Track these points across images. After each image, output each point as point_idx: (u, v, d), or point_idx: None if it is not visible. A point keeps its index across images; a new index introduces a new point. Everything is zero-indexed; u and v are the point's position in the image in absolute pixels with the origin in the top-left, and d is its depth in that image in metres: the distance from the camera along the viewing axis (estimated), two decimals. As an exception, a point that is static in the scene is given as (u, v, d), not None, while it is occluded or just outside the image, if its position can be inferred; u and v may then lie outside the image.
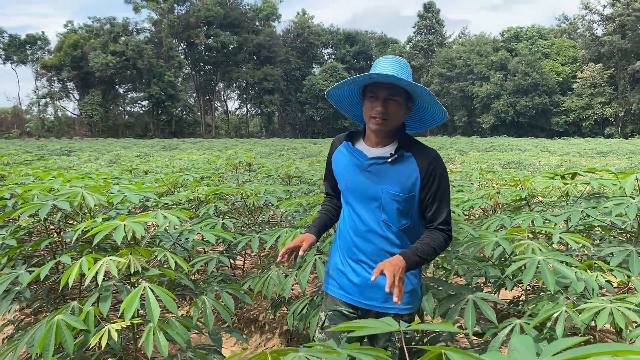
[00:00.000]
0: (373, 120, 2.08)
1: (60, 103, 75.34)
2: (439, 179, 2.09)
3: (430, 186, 2.09)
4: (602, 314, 1.90)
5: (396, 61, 2.11)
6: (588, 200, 3.53)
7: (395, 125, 2.13)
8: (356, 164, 2.19)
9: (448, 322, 1.38)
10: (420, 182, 2.09)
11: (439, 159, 2.12)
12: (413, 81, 2.04)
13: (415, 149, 2.12)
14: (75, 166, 11.27)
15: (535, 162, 16.62)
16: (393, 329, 1.02)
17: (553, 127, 61.14)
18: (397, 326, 1.07)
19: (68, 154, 22.22)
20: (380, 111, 2.06)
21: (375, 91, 2.07)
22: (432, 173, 2.08)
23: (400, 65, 2.09)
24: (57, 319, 2.19)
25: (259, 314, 4.34)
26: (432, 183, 2.08)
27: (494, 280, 3.25)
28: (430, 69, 70.76)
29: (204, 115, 78.77)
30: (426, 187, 2.09)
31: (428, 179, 2.08)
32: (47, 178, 4.25)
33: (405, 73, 2.09)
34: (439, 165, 2.10)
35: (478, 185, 7.16)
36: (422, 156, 2.10)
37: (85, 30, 73.12)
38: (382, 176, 2.12)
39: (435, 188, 2.09)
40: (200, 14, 72.84)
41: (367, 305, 2.21)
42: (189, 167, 8.53)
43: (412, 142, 2.15)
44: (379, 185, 2.12)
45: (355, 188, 2.19)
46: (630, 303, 2.00)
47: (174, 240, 3.47)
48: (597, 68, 58.61)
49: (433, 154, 2.11)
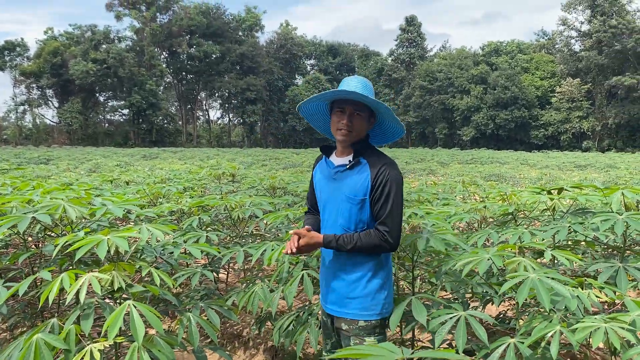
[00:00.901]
0: (339, 132, 2.30)
1: (39, 110, 74.30)
2: (387, 183, 2.22)
3: (377, 188, 2.22)
4: (597, 334, 1.88)
5: (361, 81, 2.32)
6: (574, 215, 3.54)
7: (359, 137, 2.33)
8: (326, 174, 2.41)
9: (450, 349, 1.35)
10: (370, 185, 2.24)
11: (391, 166, 2.26)
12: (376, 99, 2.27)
13: (370, 156, 2.31)
14: (54, 175, 11.06)
15: (516, 175, 16.82)
16: (396, 357, 0.98)
17: (532, 140, 61.99)
18: (401, 354, 1.03)
19: (46, 163, 21.83)
20: (346, 124, 2.27)
21: (342, 106, 2.29)
22: (380, 177, 2.22)
23: (363, 84, 2.30)
24: (37, 338, 2.10)
25: (242, 329, 4.26)
26: (379, 186, 2.22)
27: (481, 296, 3.23)
28: (411, 82, 71.28)
29: (185, 125, 78.27)
30: (374, 190, 2.23)
31: (376, 182, 2.23)
32: (26, 189, 4.13)
33: (368, 91, 2.29)
34: (389, 171, 2.24)
35: (461, 197, 7.18)
36: (375, 162, 2.27)
37: (66, 38, 72.33)
38: (342, 182, 2.30)
39: (381, 191, 2.22)
40: (183, 23, 72.62)
41: (328, 310, 2.39)
42: (171, 177, 8.42)
43: (369, 150, 2.34)
44: (340, 191, 2.30)
45: (326, 196, 2.39)
46: (623, 322, 1.98)
47: (157, 254, 3.39)
48: (574, 83, 59.70)
49: (386, 160, 2.28)
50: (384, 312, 2.31)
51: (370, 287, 2.27)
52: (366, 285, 2.27)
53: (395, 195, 2.22)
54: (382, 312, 2.30)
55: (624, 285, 2.69)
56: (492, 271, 3.33)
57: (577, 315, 2.21)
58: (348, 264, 2.31)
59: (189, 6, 75.49)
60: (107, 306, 2.35)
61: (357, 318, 2.28)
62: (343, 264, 2.33)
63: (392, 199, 2.21)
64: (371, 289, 2.28)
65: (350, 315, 2.30)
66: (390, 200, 2.21)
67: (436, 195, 5.63)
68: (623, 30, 55.22)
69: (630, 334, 1.87)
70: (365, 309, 2.27)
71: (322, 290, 2.47)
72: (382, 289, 2.30)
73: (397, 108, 71.62)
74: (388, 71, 74.25)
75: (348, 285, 2.30)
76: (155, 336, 2.32)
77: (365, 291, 2.27)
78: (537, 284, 2.04)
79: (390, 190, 2.21)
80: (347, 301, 2.31)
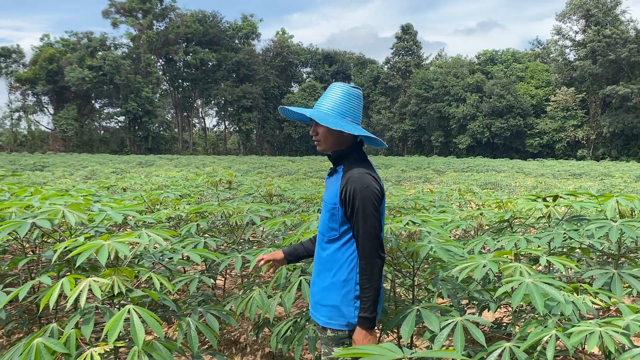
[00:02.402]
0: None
1: (34, 117, 74.13)
2: (353, 198, 2.16)
3: (346, 202, 2.20)
4: (592, 338, 1.91)
5: (334, 90, 2.31)
6: (569, 222, 3.57)
7: (333, 145, 2.33)
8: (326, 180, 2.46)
9: (451, 350, 1.37)
10: (339, 192, 2.22)
11: (359, 180, 2.18)
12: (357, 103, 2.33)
13: (346, 165, 2.29)
14: (50, 182, 11.05)
15: (511, 183, 16.88)
16: (397, 356, 1.01)
17: (527, 149, 62.22)
18: (402, 353, 1.05)
19: (41, 169, 21.79)
20: (313, 135, 2.35)
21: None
22: (347, 190, 2.19)
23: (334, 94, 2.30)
24: (37, 342, 2.11)
25: (240, 335, 4.27)
26: (347, 200, 2.19)
27: (477, 302, 3.25)
28: (407, 90, 71.50)
29: (181, 132, 78.21)
30: (344, 202, 2.21)
31: (343, 194, 2.20)
32: (24, 195, 4.14)
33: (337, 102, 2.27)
34: (355, 183, 2.17)
35: (458, 205, 7.22)
36: (346, 172, 2.25)
37: (62, 44, 72.23)
38: (327, 188, 2.37)
39: (351, 208, 2.19)
40: (180, 31, 72.72)
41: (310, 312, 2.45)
42: (168, 184, 8.42)
43: (351, 158, 2.30)
44: (324, 196, 2.36)
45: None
46: (618, 326, 2.01)
47: (155, 260, 3.40)
48: (569, 92, 60.05)
49: (354, 172, 2.21)
50: (353, 325, 2.24)
51: (339, 298, 2.24)
52: (336, 295, 2.25)
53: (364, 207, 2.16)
54: (350, 325, 2.25)
55: (619, 292, 2.72)
56: (488, 278, 3.37)
57: (573, 321, 2.24)
58: (323, 271, 2.32)
59: (186, 14, 75.65)
60: (107, 311, 2.37)
61: (326, 326, 2.29)
62: (320, 270, 2.34)
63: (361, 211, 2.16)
64: (340, 300, 2.24)
65: (320, 322, 2.32)
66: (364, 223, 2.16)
67: (433, 203, 5.67)
68: (617, 40, 55.63)
69: (624, 338, 1.90)
70: (332, 318, 2.26)
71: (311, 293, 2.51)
72: (351, 302, 2.24)
73: (394, 116, 71.79)
74: (384, 79, 74.43)
75: (320, 292, 2.33)
76: (155, 341, 2.33)
77: (334, 301, 2.25)
78: (532, 288, 2.07)
79: (358, 203, 2.16)
80: (319, 307, 2.34)
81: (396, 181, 20.58)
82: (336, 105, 2.28)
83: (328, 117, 2.25)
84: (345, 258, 2.25)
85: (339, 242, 2.27)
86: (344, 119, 2.27)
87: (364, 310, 2.16)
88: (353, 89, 2.32)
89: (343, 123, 2.25)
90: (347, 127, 2.22)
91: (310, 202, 6.08)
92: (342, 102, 2.29)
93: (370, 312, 2.15)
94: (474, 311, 3.45)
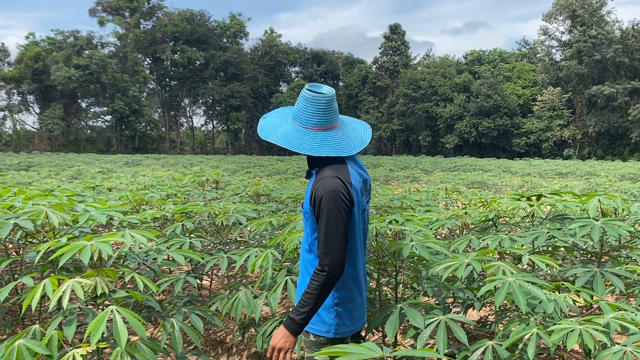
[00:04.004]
0: None
1: (20, 116, 73.33)
2: (320, 202, 2.10)
3: (314, 206, 2.14)
4: (571, 335, 1.93)
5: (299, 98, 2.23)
6: (553, 221, 3.61)
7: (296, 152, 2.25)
8: None
9: (431, 349, 1.38)
10: (310, 197, 2.17)
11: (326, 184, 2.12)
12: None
13: (320, 168, 2.21)
14: (35, 182, 10.94)
15: (498, 182, 16.99)
16: (376, 355, 1.01)
17: (514, 148, 62.66)
18: (381, 352, 1.06)
19: (27, 169, 21.56)
20: None
21: None
22: (316, 193, 2.13)
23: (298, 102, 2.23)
24: (18, 344, 2.09)
25: (226, 335, 4.26)
26: (315, 204, 2.14)
27: (462, 300, 3.28)
28: (395, 90, 71.68)
29: (168, 131, 77.79)
30: (313, 207, 2.16)
31: (312, 197, 2.15)
32: (7, 195, 4.10)
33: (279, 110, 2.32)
34: (320, 187, 2.12)
35: (444, 204, 7.26)
36: (317, 177, 2.19)
37: (48, 43, 71.52)
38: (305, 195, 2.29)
39: (317, 211, 2.13)
40: (167, 29, 72.31)
41: None
42: (154, 184, 8.38)
43: (320, 162, 2.22)
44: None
45: None
46: (597, 324, 2.04)
47: (139, 260, 3.38)
48: (555, 92, 60.55)
49: (324, 176, 2.15)
50: (332, 331, 2.22)
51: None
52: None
53: (328, 212, 2.09)
54: (330, 331, 2.22)
55: (601, 290, 2.75)
56: (473, 276, 3.39)
57: (555, 319, 2.27)
58: (305, 274, 2.28)
59: (173, 12, 75.24)
60: (90, 312, 2.35)
61: (308, 330, 2.26)
62: (303, 272, 2.32)
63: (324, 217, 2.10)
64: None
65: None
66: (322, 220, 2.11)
67: (419, 202, 5.69)
68: (602, 40, 56.21)
69: (604, 336, 1.93)
70: (314, 323, 2.23)
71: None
72: (332, 309, 2.22)
73: (382, 116, 71.92)
74: (372, 79, 74.54)
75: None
76: (139, 342, 2.32)
77: None
78: (514, 287, 2.09)
79: (322, 207, 2.10)
80: None
81: (384, 181, 20.63)
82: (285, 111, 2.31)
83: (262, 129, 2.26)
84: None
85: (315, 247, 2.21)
86: (293, 123, 2.23)
87: (298, 312, 2.09)
88: (306, 90, 2.22)
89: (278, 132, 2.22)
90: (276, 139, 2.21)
91: (297, 202, 6.07)
92: (297, 106, 2.24)
93: (302, 317, 2.09)
94: (459, 310, 3.48)
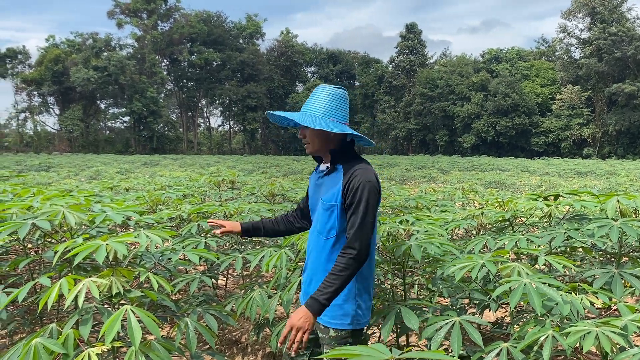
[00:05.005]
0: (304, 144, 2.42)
1: (40, 118, 74.52)
2: (356, 190, 2.20)
3: (347, 195, 2.23)
4: (588, 338, 1.90)
5: (320, 93, 2.35)
6: (570, 221, 3.56)
7: (322, 146, 2.37)
8: (314, 179, 2.51)
9: (440, 350, 1.37)
10: (342, 190, 2.25)
11: (365, 171, 2.24)
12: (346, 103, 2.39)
13: (346, 162, 2.33)
14: (55, 182, 11.09)
15: (516, 182, 16.82)
16: (385, 357, 1.01)
17: (532, 147, 61.99)
18: (390, 354, 1.05)
19: (47, 170, 21.88)
20: (301, 138, 2.39)
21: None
22: (350, 182, 2.22)
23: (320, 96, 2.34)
24: (35, 342, 2.12)
25: (241, 335, 4.27)
26: (349, 192, 2.22)
27: (478, 302, 3.25)
28: (412, 89, 71.36)
29: (186, 132, 78.41)
30: (345, 196, 2.24)
31: (346, 187, 2.24)
32: (26, 195, 4.16)
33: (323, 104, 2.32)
34: (359, 177, 2.22)
35: (460, 204, 7.20)
36: (348, 168, 2.29)
37: (67, 45, 72.60)
38: (321, 187, 2.39)
39: (352, 196, 2.21)
40: (184, 31, 72.88)
41: None
42: (171, 184, 8.44)
43: (345, 156, 2.35)
44: (318, 196, 2.39)
45: (312, 201, 2.48)
46: (615, 326, 2.00)
47: (155, 260, 3.41)
48: (575, 90, 59.76)
49: (358, 168, 2.26)
50: (355, 323, 2.29)
51: (342, 297, 2.25)
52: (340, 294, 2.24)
53: (364, 208, 2.18)
54: (353, 323, 2.29)
55: (619, 291, 2.71)
56: (489, 277, 3.36)
57: (572, 321, 2.23)
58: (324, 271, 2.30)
59: (190, 14, 75.83)
60: (106, 311, 2.38)
61: (328, 326, 2.30)
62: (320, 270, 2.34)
63: (361, 211, 2.18)
64: (343, 298, 2.26)
65: (323, 322, 2.32)
66: (361, 206, 2.19)
67: (435, 202, 5.65)
68: (623, 37, 55.36)
69: (621, 339, 1.89)
70: (335, 318, 2.28)
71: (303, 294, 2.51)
72: (353, 300, 2.28)
73: (398, 115, 71.67)
74: (388, 78, 74.32)
75: None
76: (153, 341, 2.34)
77: (337, 300, 2.24)
78: (530, 288, 2.07)
79: (361, 195, 2.19)
80: None
81: (400, 180, 20.55)
82: (319, 107, 2.32)
83: (310, 118, 2.30)
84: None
85: (340, 241, 2.29)
86: (328, 119, 2.30)
87: (321, 293, 2.14)
88: (336, 89, 2.36)
89: (325, 123, 2.28)
90: (329, 126, 2.26)
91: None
92: (326, 103, 2.33)
93: (326, 298, 2.14)
94: (475, 311, 3.45)
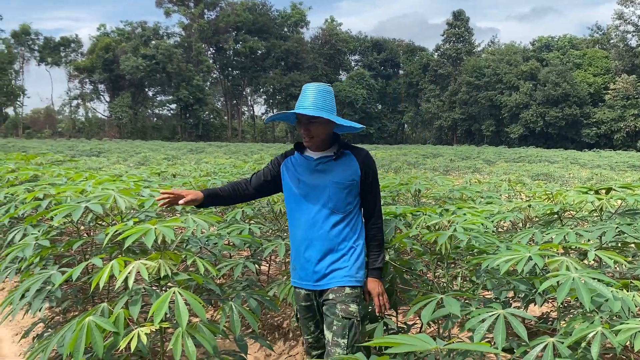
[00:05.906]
0: (304, 139, 2.69)
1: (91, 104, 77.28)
2: (373, 170, 2.73)
3: (367, 178, 2.69)
4: (639, 336, 1.84)
5: (316, 90, 2.62)
6: (623, 216, 3.44)
7: (324, 137, 2.67)
8: (305, 167, 2.71)
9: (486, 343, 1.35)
10: (360, 171, 2.66)
11: (371, 157, 2.75)
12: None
13: (351, 148, 2.74)
14: (105, 167, 11.47)
15: (565, 175, 16.29)
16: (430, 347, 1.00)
17: (583, 139, 59.83)
18: (434, 344, 1.05)
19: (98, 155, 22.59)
20: (304, 133, 2.64)
21: (299, 118, 2.65)
22: (368, 165, 2.69)
23: (316, 94, 2.61)
24: (88, 320, 2.21)
25: (283, 320, 4.33)
26: (367, 176, 2.69)
27: (523, 295, 3.18)
28: (458, 78, 69.98)
29: (230, 120, 79.49)
30: (363, 176, 2.67)
31: (363, 169, 2.67)
32: (79, 179, 4.32)
33: (321, 99, 2.59)
34: (372, 161, 2.73)
35: (506, 196, 7.05)
36: (357, 153, 2.72)
37: (117, 34, 74.66)
38: (329, 171, 2.66)
39: (371, 182, 2.71)
40: (230, 19, 73.66)
41: (316, 286, 2.64)
42: (216, 171, 8.60)
43: (348, 144, 2.77)
44: (326, 179, 2.64)
45: (307, 185, 2.67)
46: (669, 325, 1.93)
47: (201, 245, 3.49)
48: (630, 80, 57.26)
49: (364, 151, 2.75)
50: (360, 278, 2.63)
51: (354, 257, 2.62)
52: (355, 257, 2.62)
53: (377, 181, 2.74)
54: (360, 280, 2.63)
55: (674, 289, 2.61)
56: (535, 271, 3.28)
57: (622, 318, 2.17)
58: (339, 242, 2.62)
59: (236, 2, 76.56)
60: (154, 292, 2.46)
61: (344, 284, 2.56)
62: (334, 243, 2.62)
63: (377, 187, 2.74)
64: (354, 258, 2.62)
65: (337, 284, 2.57)
66: (377, 189, 2.74)
67: (480, 194, 5.55)
68: (684, 24, 52.63)
69: (676, 338, 1.83)
70: (352, 276, 2.59)
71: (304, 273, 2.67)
72: (361, 257, 2.66)
73: (443, 104, 70.52)
74: (434, 67, 73.11)
75: (336, 262, 2.61)
76: (199, 323, 2.40)
77: (351, 261, 2.60)
78: (578, 283, 2.01)
79: (374, 179, 2.72)
80: (333, 274, 2.60)
81: (444, 171, 20.25)
82: (324, 104, 2.60)
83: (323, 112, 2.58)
84: (360, 224, 2.71)
85: (354, 213, 2.67)
86: (332, 113, 2.63)
87: (379, 261, 2.69)
88: (326, 85, 2.68)
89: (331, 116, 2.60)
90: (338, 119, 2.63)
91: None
92: (324, 99, 2.62)
93: (380, 262, 2.69)
94: (520, 304, 3.38)
